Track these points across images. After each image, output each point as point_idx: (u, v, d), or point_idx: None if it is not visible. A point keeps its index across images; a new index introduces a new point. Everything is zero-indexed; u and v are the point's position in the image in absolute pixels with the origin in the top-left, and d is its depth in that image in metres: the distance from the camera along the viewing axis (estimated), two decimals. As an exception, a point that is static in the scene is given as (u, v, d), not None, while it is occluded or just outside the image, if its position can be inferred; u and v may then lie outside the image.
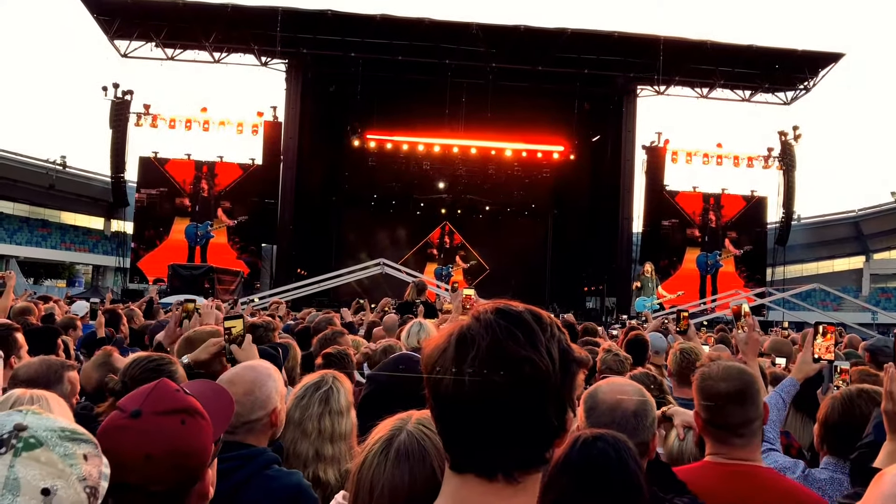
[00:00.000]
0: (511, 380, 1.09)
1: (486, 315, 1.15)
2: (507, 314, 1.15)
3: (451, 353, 1.13)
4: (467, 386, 1.09)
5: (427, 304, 8.74)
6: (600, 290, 28.87)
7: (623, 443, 1.74)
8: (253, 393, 2.45)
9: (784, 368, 5.56)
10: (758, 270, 29.23)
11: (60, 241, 42.74)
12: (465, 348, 1.12)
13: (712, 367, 2.62)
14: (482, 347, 1.11)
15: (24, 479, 1.01)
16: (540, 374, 1.10)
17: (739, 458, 2.46)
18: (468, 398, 1.10)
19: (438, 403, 1.15)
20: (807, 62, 27.62)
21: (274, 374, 2.59)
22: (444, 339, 1.16)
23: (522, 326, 1.13)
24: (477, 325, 1.14)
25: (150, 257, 27.24)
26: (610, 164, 28.15)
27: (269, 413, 2.47)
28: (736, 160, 29.15)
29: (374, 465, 1.49)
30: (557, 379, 1.12)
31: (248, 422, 2.42)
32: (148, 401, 1.56)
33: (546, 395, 1.11)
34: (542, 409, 1.11)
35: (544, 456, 1.14)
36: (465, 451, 1.13)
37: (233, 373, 2.58)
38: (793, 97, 29.22)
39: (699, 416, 2.56)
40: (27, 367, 3.10)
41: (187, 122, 27.58)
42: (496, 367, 1.09)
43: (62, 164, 39.37)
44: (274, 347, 3.98)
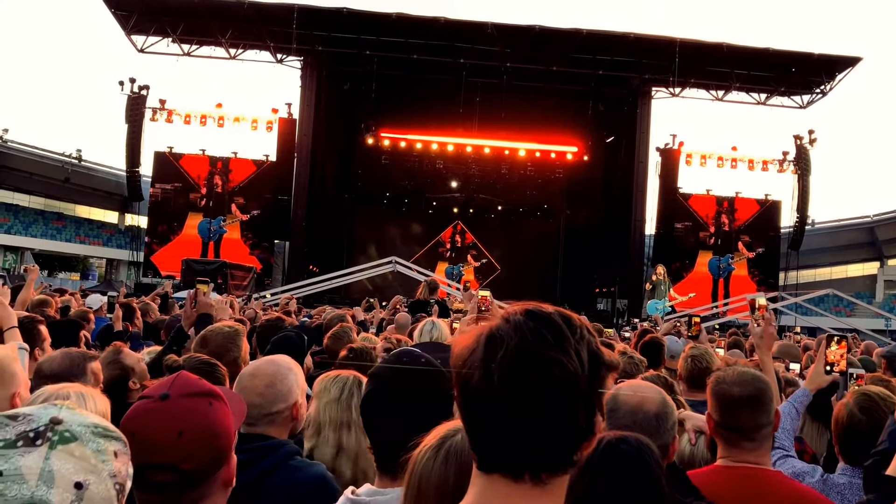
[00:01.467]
0: (540, 381, 1.09)
1: (516, 316, 1.15)
2: (537, 315, 1.15)
3: (480, 353, 1.13)
4: (496, 386, 1.09)
5: (440, 303, 8.75)
6: (612, 291, 28.81)
7: (646, 445, 1.74)
8: (274, 385, 2.49)
9: (797, 374, 5.54)
10: (771, 275, 29.08)
11: (75, 234, 43.03)
12: (495, 348, 1.12)
13: (728, 371, 2.63)
14: (511, 348, 1.11)
15: (58, 472, 1.02)
16: (569, 376, 1.10)
17: (749, 461, 2.48)
18: (496, 398, 1.10)
19: (466, 403, 1.15)
20: (823, 66, 27.43)
21: (295, 368, 2.63)
22: (472, 339, 1.16)
23: (552, 328, 1.13)
24: (506, 326, 1.14)
25: (163, 252, 27.40)
26: (623, 165, 28.08)
27: (290, 406, 2.51)
28: (750, 164, 29.01)
29: (425, 460, 1.54)
30: (586, 381, 1.12)
31: (268, 414, 2.47)
32: (174, 386, 1.61)
33: (575, 397, 1.11)
34: (571, 411, 1.11)
35: (572, 458, 1.14)
36: (493, 451, 1.13)
37: (255, 366, 2.62)
38: (809, 101, 29.05)
39: (711, 419, 2.58)
40: (50, 360, 3.14)
41: (202, 118, 27.72)
42: (525, 367, 1.10)
43: (78, 158, 39.62)
44: (298, 334, 4.00)
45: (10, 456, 1.01)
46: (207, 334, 3.67)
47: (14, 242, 40.83)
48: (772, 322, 3.78)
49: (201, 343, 3.60)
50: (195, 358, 3.12)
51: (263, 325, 5.17)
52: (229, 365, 3.31)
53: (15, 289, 6.78)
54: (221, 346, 3.56)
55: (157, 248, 27.68)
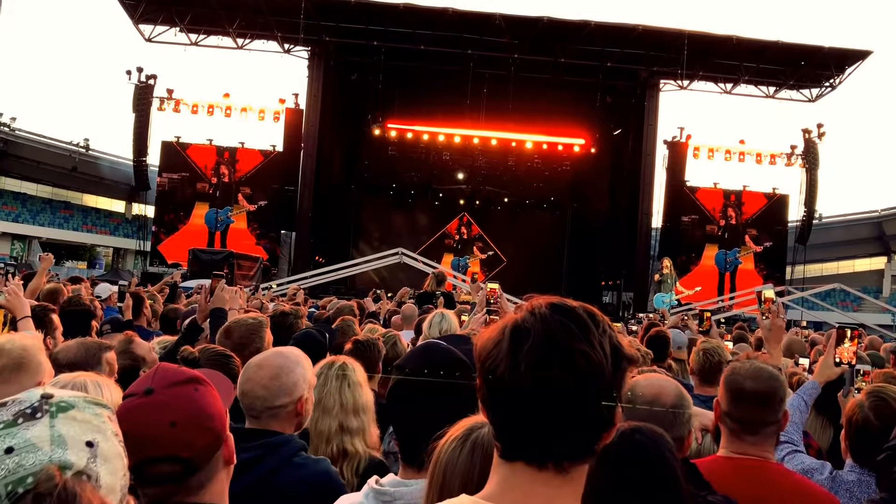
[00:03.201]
0: (565, 372, 1.12)
1: (541, 309, 1.18)
2: (562, 309, 1.19)
3: (507, 345, 1.16)
4: (522, 377, 1.13)
5: (447, 294, 8.76)
6: (618, 284, 28.78)
7: (661, 437, 1.75)
8: (279, 378, 2.45)
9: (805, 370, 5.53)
10: (777, 269, 29.00)
11: (82, 223, 43.14)
12: (521, 340, 1.15)
13: (744, 364, 2.65)
14: (538, 340, 1.14)
15: (68, 435, 1.06)
16: (593, 367, 1.13)
17: (752, 454, 2.50)
18: (523, 389, 1.13)
19: (492, 394, 1.18)
20: (833, 59, 27.28)
21: (303, 362, 2.58)
22: (498, 332, 1.19)
23: (577, 321, 1.17)
24: (532, 319, 1.17)
25: (170, 241, 27.47)
26: (630, 158, 28.02)
27: (294, 401, 2.46)
28: (758, 157, 28.90)
29: (451, 450, 1.57)
30: (609, 373, 1.15)
31: (271, 407, 2.43)
32: (156, 379, 1.61)
33: (598, 388, 1.14)
34: (594, 401, 1.14)
35: (593, 448, 1.17)
36: (517, 441, 1.16)
37: (262, 357, 2.59)
38: (818, 94, 28.91)
39: (719, 407, 2.60)
40: (66, 350, 3.15)
41: (209, 108, 27.73)
42: (551, 359, 1.13)
43: (85, 147, 39.70)
44: (321, 331, 4.00)
45: (15, 433, 1.03)
46: (232, 325, 3.70)
47: (22, 231, 40.95)
48: (780, 315, 3.78)
49: (225, 334, 3.62)
50: (210, 349, 3.14)
51: (274, 316, 5.17)
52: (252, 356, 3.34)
53: (25, 277, 6.81)
54: (245, 337, 3.59)
55: (163, 238, 27.75)
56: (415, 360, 2.06)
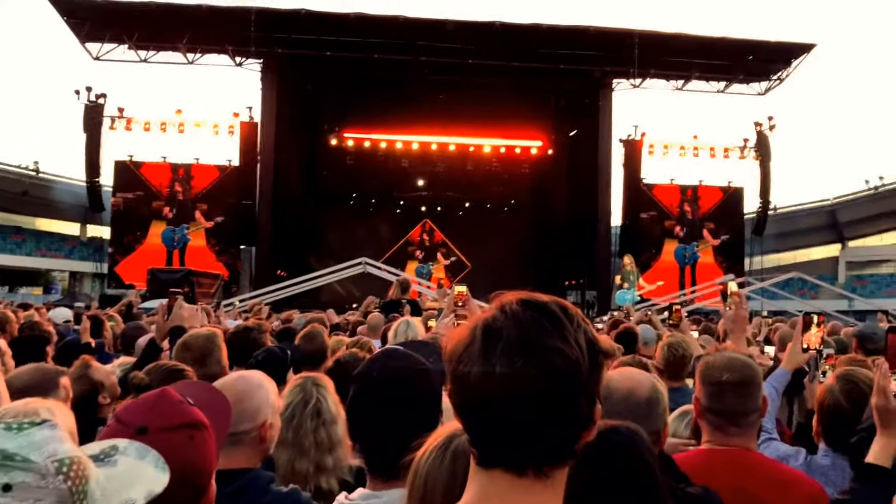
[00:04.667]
0: (541, 371, 1.07)
1: (512, 306, 1.13)
2: (534, 304, 1.14)
3: (479, 346, 1.10)
4: (497, 378, 1.07)
5: (412, 302, 8.71)
6: (581, 283, 28.99)
7: (638, 434, 1.73)
8: (240, 403, 2.34)
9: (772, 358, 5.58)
10: (736, 261, 29.45)
11: (35, 247, 42.17)
12: (493, 340, 1.09)
13: (717, 356, 2.66)
14: (511, 338, 1.09)
15: None
16: (570, 364, 1.09)
17: (734, 445, 2.50)
18: (498, 391, 1.07)
19: (465, 398, 1.12)
20: (779, 53, 27.88)
21: (266, 384, 2.49)
22: (468, 333, 1.13)
23: (550, 317, 1.12)
24: (503, 317, 1.12)
25: (127, 262, 26.96)
26: (587, 158, 28.25)
27: (257, 426, 2.38)
28: (712, 151, 29.35)
29: (432, 458, 1.51)
30: (586, 370, 1.11)
31: (234, 433, 2.30)
32: (153, 415, 1.51)
33: (576, 386, 1.09)
34: (572, 400, 1.09)
35: (574, 449, 1.12)
36: (495, 447, 1.11)
37: (221, 382, 2.48)
38: (767, 88, 29.49)
39: (699, 402, 2.59)
40: (20, 375, 3.04)
41: (162, 125, 27.32)
42: (526, 357, 1.07)
43: (35, 170, 38.83)
44: (282, 349, 3.92)
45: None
46: (188, 339, 3.61)
47: (-28, 259, 39.90)
48: (743, 305, 3.81)
49: (183, 348, 3.53)
50: (162, 366, 3.04)
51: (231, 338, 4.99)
52: (213, 366, 3.26)
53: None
54: (204, 347, 3.50)
55: (120, 259, 27.22)
56: (374, 367, 2.02)
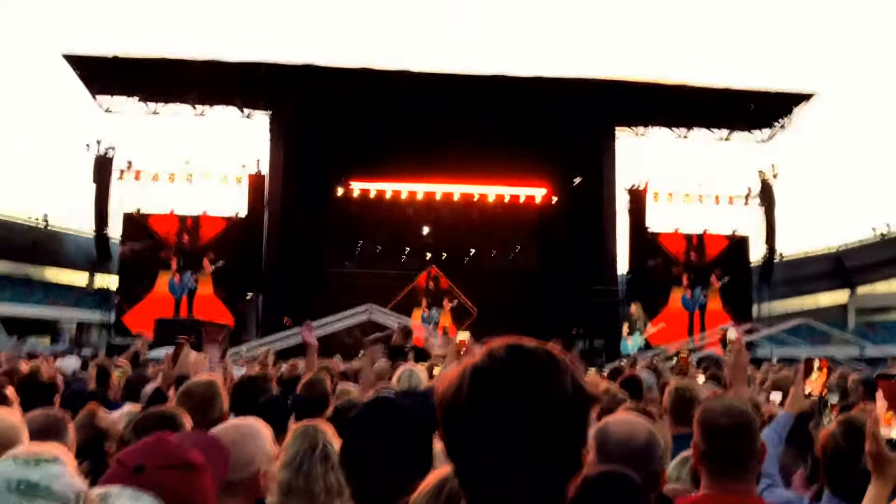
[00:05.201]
0: (529, 414, 1.09)
1: (500, 352, 1.15)
2: (520, 350, 1.16)
3: (467, 390, 1.12)
4: (486, 422, 1.09)
5: (417, 348, 8.68)
6: (589, 331, 28.85)
7: (632, 478, 1.74)
8: (234, 452, 2.34)
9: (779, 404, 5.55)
10: (744, 308, 29.32)
11: (44, 297, 42.27)
12: (481, 385, 1.12)
13: (716, 402, 2.67)
14: (498, 383, 1.11)
15: None
16: (557, 408, 1.11)
17: (734, 492, 2.48)
18: (487, 435, 1.09)
19: (455, 442, 1.14)
20: (780, 101, 28.20)
21: (261, 433, 2.49)
22: (457, 377, 1.15)
23: (536, 361, 1.14)
24: (490, 362, 1.14)
25: (134, 312, 26.98)
26: (592, 206, 28.40)
27: (250, 476, 2.37)
28: (717, 199, 29.48)
29: (425, 503, 1.52)
30: (573, 413, 1.13)
31: (228, 482, 2.29)
32: (150, 455, 1.54)
33: (563, 429, 1.12)
34: (560, 443, 1.11)
35: (563, 492, 1.14)
36: (485, 490, 1.12)
37: (216, 430, 2.50)
38: (770, 136, 29.73)
39: (697, 448, 2.59)
40: (31, 420, 3.07)
41: (170, 176, 27.64)
42: (514, 401, 1.10)
43: (45, 222, 39.19)
44: (284, 396, 3.92)
45: None
46: (191, 386, 3.61)
47: (-20, 309, 39.96)
48: (742, 353, 3.81)
49: (186, 395, 3.53)
50: (151, 413, 3.03)
51: (236, 387, 4.97)
52: (214, 413, 3.27)
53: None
54: (206, 393, 3.50)
55: (127, 309, 27.26)
56: (363, 414, 2.03)
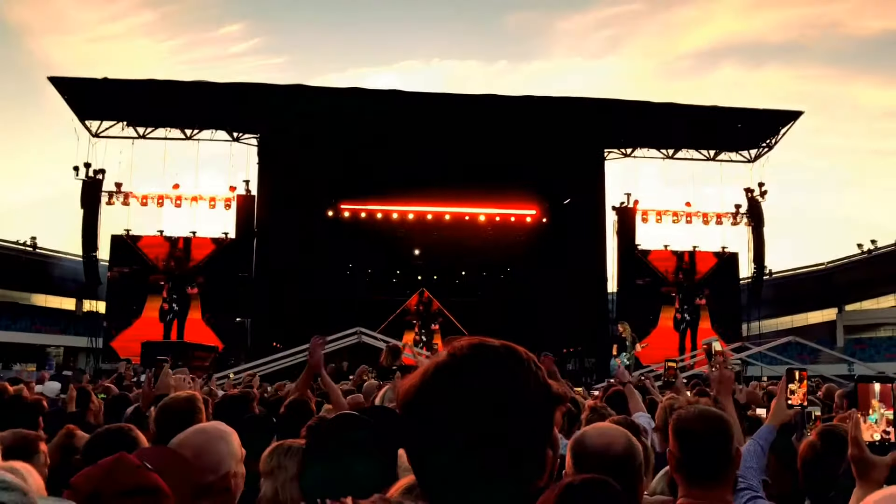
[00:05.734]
0: (490, 413, 1.06)
1: (462, 349, 1.13)
2: (484, 348, 1.14)
3: (428, 389, 1.10)
4: (447, 421, 1.06)
5: (403, 367, 8.65)
6: (580, 350, 28.80)
7: (609, 486, 1.72)
8: (201, 456, 2.34)
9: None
10: (733, 326, 29.37)
11: (31, 323, 41.97)
12: (444, 383, 1.09)
13: (689, 409, 2.66)
14: (461, 381, 1.08)
15: None
16: (519, 406, 1.08)
17: (710, 499, 2.46)
18: (448, 434, 1.06)
19: (415, 443, 1.11)
20: (768, 120, 28.41)
21: (227, 436, 2.47)
22: (419, 376, 1.13)
23: (500, 360, 1.12)
24: (453, 360, 1.12)
25: (123, 336, 26.80)
26: (582, 226, 28.48)
27: (220, 477, 2.35)
28: (705, 218, 29.61)
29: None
30: (536, 412, 1.11)
31: (200, 486, 2.30)
32: (107, 480, 1.48)
33: (526, 429, 1.09)
34: (520, 445, 1.08)
35: (525, 497, 1.11)
36: (446, 493, 1.09)
37: (182, 436, 2.47)
38: (756, 154, 29.91)
39: (673, 456, 2.58)
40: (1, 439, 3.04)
41: (159, 199, 27.60)
42: (477, 400, 1.07)
43: (32, 245, 38.99)
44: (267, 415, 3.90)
45: None
46: (169, 402, 3.58)
47: (-33, 335, 39.61)
48: (727, 365, 3.81)
49: (164, 411, 3.49)
50: (107, 430, 3.02)
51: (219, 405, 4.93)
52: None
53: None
54: (186, 410, 3.46)
55: (115, 334, 27.08)
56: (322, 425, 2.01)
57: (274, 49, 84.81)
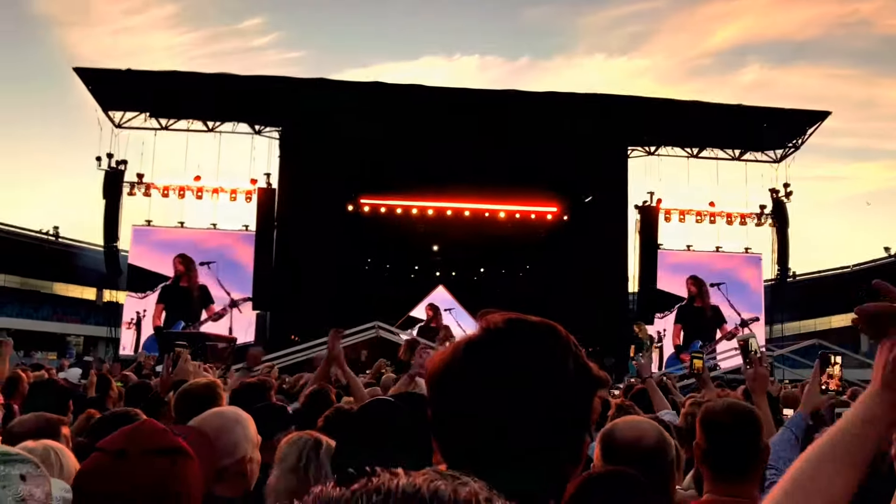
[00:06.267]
0: (525, 393, 0.98)
1: (497, 323, 1.04)
2: (520, 323, 1.05)
3: (461, 365, 1.02)
4: (479, 399, 0.98)
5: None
6: (598, 350, 28.60)
7: (638, 479, 1.61)
8: (219, 439, 2.36)
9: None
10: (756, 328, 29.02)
11: (52, 312, 42.43)
12: (476, 359, 1.01)
13: (718, 402, 2.62)
14: (495, 357, 1.00)
15: None
16: (555, 386, 1.00)
17: (737, 495, 2.38)
18: (478, 413, 0.98)
19: (444, 422, 1.02)
20: (794, 120, 28.05)
21: (243, 420, 2.48)
22: (450, 353, 1.04)
23: (537, 336, 1.04)
24: (488, 336, 1.03)
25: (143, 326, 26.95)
26: (603, 224, 28.27)
27: (237, 461, 2.37)
28: (729, 218, 29.26)
29: None
30: (574, 394, 1.01)
31: (216, 469, 2.32)
32: (133, 440, 1.44)
33: (561, 409, 1.00)
34: (556, 428, 1.00)
35: (558, 485, 1.02)
36: (472, 474, 0.99)
37: (199, 418, 2.48)
38: (782, 155, 29.54)
39: (699, 448, 2.49)
40: (22, 423, 3.13)
41: (181, 191, 27.72)
42: (511, 377, 0.98)
43: (55, 235, 39.39)
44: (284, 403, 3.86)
45: None
46: (189, 388, 3.52)
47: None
48: (763, 363, 3.68)
49: (184, 397, 3.42)
50: (112, 415, 3.04)
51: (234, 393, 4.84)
52: None
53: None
54: (206, 396, 3.40)
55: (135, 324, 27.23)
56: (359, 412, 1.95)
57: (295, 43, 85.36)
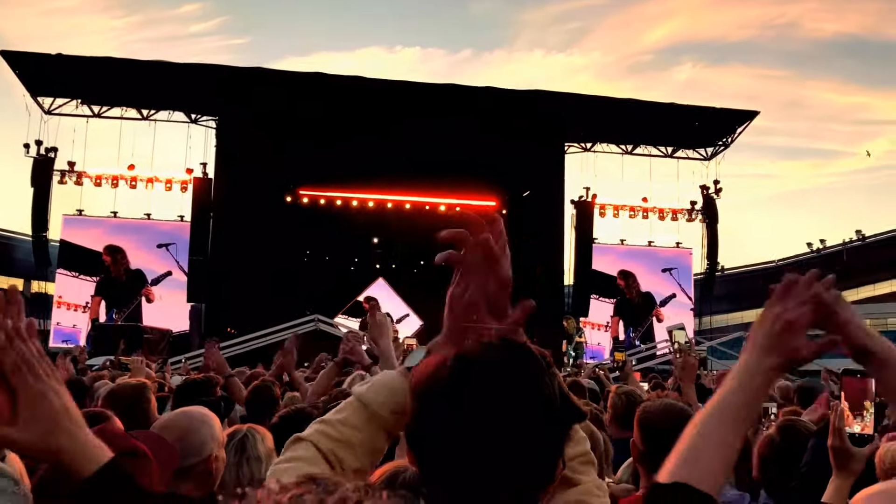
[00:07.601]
0: (511, 413, 1.02)
1: (492, 342, 1.12)
2: (515, 345, 1.12)
3: (448, 377, 1.05)
4: (466, 414, 1.02)
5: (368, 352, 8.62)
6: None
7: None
8: (185, 439, 2.42)
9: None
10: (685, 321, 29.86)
11: (-24, 304, 40.82)
12: (465, 372, 1.05)
13: (655, 402, 2.72)
14: (485, 373, 1.05)
15: None
16: (542, 413, 1.05)
17: None
18: (459, 427, 1.02)
19: (426, 434, 1.06)
20: (724, 119, 28.88)
21: (209, 419, 2.54)
22: (440, 362, 1.08)
23: (531, 360, 1.09)
24: (479, 350, 1.09)
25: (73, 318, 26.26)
26: (540, 218, 28.64)
27: (203, 460, 2.43)
28: (661, 213, 30.00)
29: None
30: (558, 423, 1.07)
31: (182, 468, 2.38)
32: None
33: (545, 434, 1.05)
34: (537, 451, 1.04)
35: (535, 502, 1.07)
36: (447, 486, 1.04)
37: (165, 418, 2.57)
38: (713, 152, 30.39)
39: (636, 448, 2.62)
40: None
41: (114, 180, 27.02)
42: (499, 395, 1.03)
43: (-21, 225, 37.90)
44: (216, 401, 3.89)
45: None
46: (116, 389, 3.55)
47: None
48: (691, 353, 3.88)
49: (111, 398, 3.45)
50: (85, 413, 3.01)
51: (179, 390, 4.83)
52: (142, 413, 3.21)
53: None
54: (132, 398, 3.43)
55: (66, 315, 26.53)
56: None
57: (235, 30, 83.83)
